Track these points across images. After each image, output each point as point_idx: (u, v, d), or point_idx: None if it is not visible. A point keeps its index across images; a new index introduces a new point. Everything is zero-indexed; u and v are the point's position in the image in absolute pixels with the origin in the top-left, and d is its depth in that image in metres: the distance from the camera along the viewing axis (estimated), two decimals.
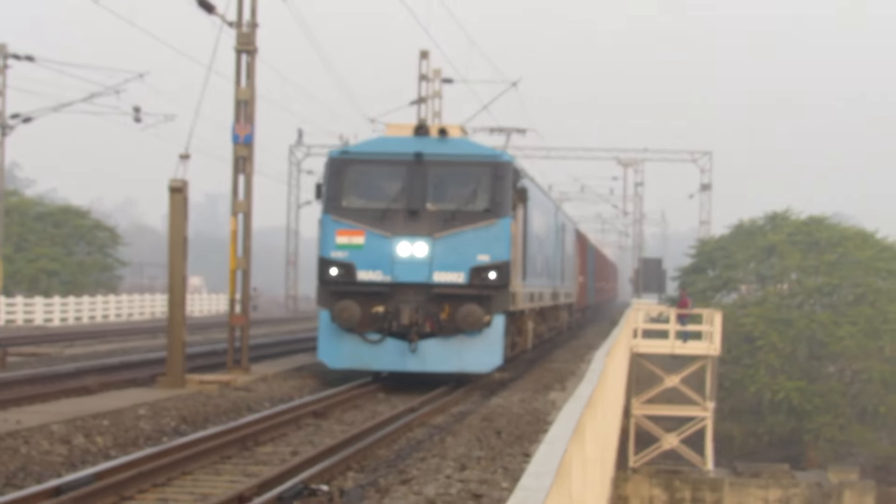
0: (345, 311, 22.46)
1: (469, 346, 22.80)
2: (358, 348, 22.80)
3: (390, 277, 22.97)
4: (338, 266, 23.21)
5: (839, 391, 66.51)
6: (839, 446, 64.41)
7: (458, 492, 14.59)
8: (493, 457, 17.68)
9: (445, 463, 17.13)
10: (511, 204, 23.93)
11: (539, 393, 27.32)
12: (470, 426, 21.40)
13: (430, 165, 23.75)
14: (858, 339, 66.56)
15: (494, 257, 23.15)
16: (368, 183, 23.85)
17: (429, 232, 23.08)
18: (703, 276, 73.40)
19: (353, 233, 22.88)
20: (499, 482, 15.22)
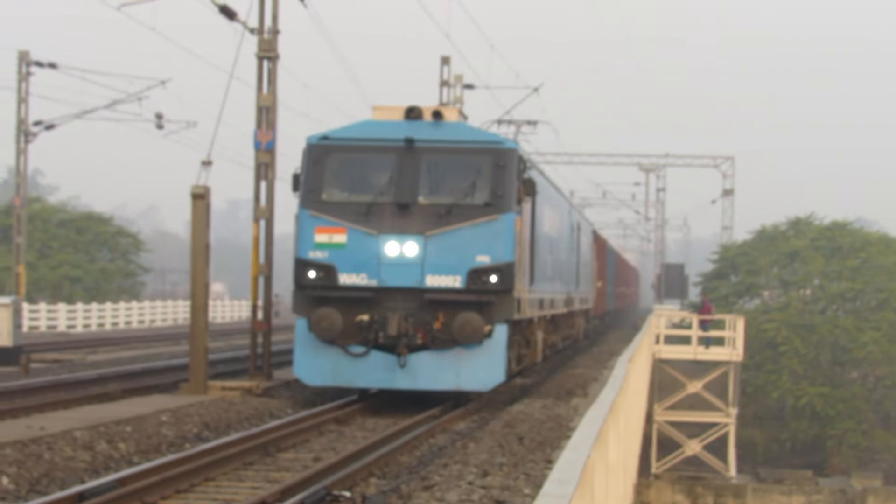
0: (324, 319, 20.26)
1: (467, 360, 20.50)
2: (339, 363, 20.59)
3: (376, 281, 20.63)
4: (316, 268, 20.72)
5: (862, 397, 66.47)
6: (863, 452, 64.33)
7: (480, 498, 14.55)
8: (515, 463, 17.61)
9: (467, 469, 17.03)
10: (516, 197, 21.29)
11: (561, 399, 27.08)
12: (492, 432, 21.07)
13: (423, 153, 21.20)
14: (882, 344, 66.50)
15: (496, 258, 20.59)
16: (352, 173, 21.53)
17: (421, 229, 20.60)
18: (726, 282, 73.32)
19: (334, 230, 20.47)
20: (521, 489, 15.18)
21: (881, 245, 71.33)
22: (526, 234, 22.66)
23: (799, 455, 60.15)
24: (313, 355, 20.38)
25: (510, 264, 20.29)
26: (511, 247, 20.55)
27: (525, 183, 21.45)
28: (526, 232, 22.62)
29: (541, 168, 27.80)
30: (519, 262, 21.21)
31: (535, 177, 24.75)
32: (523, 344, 25.81)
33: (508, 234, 20.38)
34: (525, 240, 22.35)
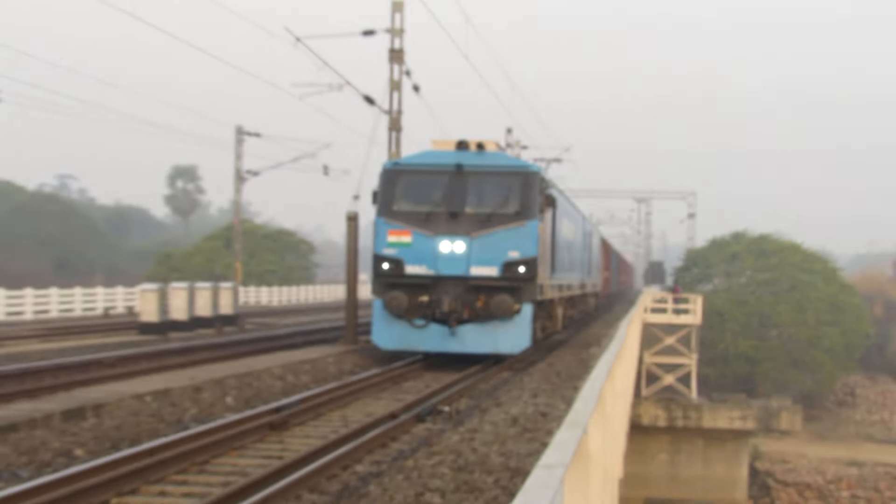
0: (394, 300, 19.36)
1: (502, 330, 19.48)
2: (406, 332, 19.56)
3: (433, 271, 19.51)
4: (389, 261, 19.77)
5: (779, 348, 66.32)
6: (778, 384, 64.04)
7: (532, 412, 14.67)
8: (554, 389, 17.65)
9: (524, 393, 17.11)
10: (538, 208, 20.37)
11: (583, 349, 27.03)
12: (539, 370, 21.20)
13: (469, 175, 20.09)
14: (791, 314, 66.55)
15: (523, 254, 19.61)
16: (415, 190, 20.19)
17: (467, 232, 19.60)
18: (690, 273, 73.15)
19: (402, 233, 19.55)
20: (558, 405, 15.18)
21: (791, 250, 71.48)
22: (547, 236, 21.93)
23: (737, 385, 59.80)
24: (387, 327, 19.69)
25: (534, 258, 19.52)
26: (534, 245, 19.74)
27: (546, 197, 20.77)
28: (547, 234, 21.89)
29: (560, 189, 26.67)
30: (541, 257, 20.46)
31: (555, 194, 24.08)
32: (546, 318, 24.76)
33: (533, 236, 19.67)
34: (546, 240, 21.59)
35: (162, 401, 15.52)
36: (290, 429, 14.06)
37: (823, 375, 68.00)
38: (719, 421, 38.54)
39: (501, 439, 12.28)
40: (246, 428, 13.21)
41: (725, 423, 38.52)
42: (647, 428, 36.97)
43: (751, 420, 39.20)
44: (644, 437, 36.01)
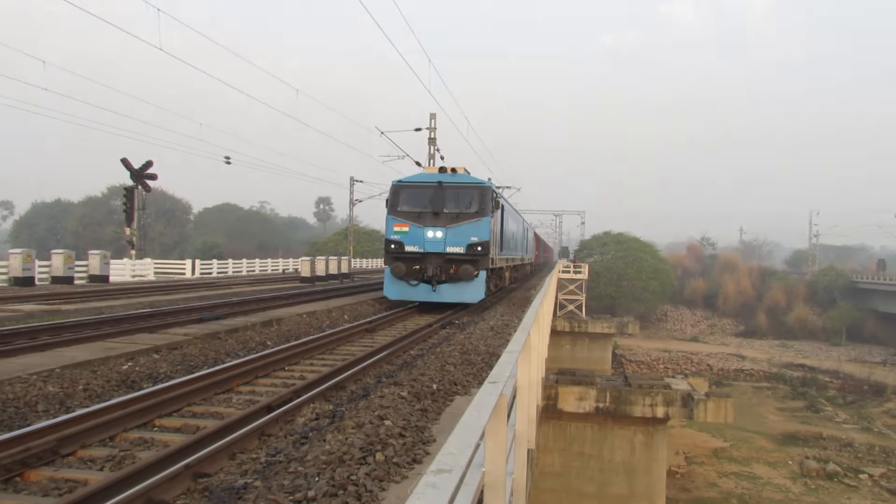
0: (397, 268, 17.57)
1: (467, 287, 17.64)
2: (405, 288, 17.74)
3: (422, 249, 17.67)
4: (394, 244, 17.86)
5: (627, 290, 66.63)
6: (627, 309, 64.32)
7: (500, 323, 14.62)
8: (512, 312, 17.53)
9: (496, 314, 17.00)
10: (490, 209, 18.42)
11: (528, 291, 27.25)
12: (503, 302, 21.06)
13: (446, 188, 18.17)
14: (633, 273, 67.10)
15: (480, 238, 17.71)
16: (412, 197, 18.26)
17: (444, 224, 17.69)
18: (582, 252, 72.87)
19: (402, 225, 17.74)
20: (514, 320, 15.15)
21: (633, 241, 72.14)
22: (497, 227, 19.85)
23: (606, 310, 59.79)
24: (392, 285, 17.64)
25: (487, 241, 17.53)
26: (488, 233, 17.69)
27: (495, 202, 18.88)
28: (497, 226, 19.82)
29: (507, 200, 24.59)
30: (493, 241, 18.51)
31: (503, 202, 21.89)
32: (498, 279, 22.43)
33: (486, 227, 17.63)
34: (496, 230, 19.63)
35: (311, 317, 15.41)
36: (377, 332, 14.02)
37: (650, 305, 69.77)
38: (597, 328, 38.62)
39: (485, 337, 12.27)
40: (354, 331, 13.26)
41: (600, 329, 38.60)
42: (560, 332, 37.09)
43: (613, 328, 39.35)
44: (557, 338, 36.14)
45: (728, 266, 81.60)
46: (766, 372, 51.73)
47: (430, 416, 6.44)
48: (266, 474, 4.91)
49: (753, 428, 35.29)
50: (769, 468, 29.00)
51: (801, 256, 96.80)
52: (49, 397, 7.01)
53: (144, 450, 5.66)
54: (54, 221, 79.34)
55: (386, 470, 4.77)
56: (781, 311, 70.78)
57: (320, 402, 7.36)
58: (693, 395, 16.40)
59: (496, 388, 2.89)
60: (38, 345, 9.82)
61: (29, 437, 5.38)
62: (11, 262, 24.10)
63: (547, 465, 17.25)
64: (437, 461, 1.93)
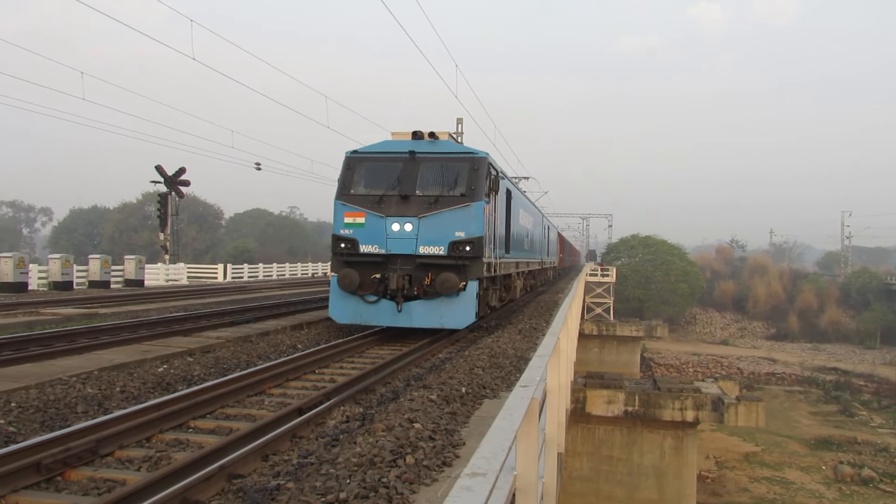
0: (346, 277, 13.01)
1: (447, 306, 12.99)
2: (359, 307, 13.09)
3: (384, 250, 13.13)
4: (344, 241, 13.34)
5: (656, 294, 65.86)
6: (655, 312, 63.68)
7: (528, 326, 14.36)
8: (540, 315, 17.13)
9: (524, 317, 16.49)
10: (484, 191, 13.55)
11: (556, 294, 26.98)
12: (531, 306, 20.64)
13: (421, 161, 13.53)
14: (661, 276, 66.25)
15: (469, 234, 13.08)
16: (372, 175, 13.73)
17: (416, 213, 13.16)
18: (609, 256, 72.22)
19: (356, 214, 13.18)
20: (542, 324, 14.92)
21: (662, 244, 71.28)
22: (498, 217, 14.63)
23: (634, 313, 59.26)
24: (341, 302, 12.86)
25: (479, 238, 12.72)
26: (480, 225, 12.85)
27: (493, 181, 13.86)
28: (498, 216, 14.68)
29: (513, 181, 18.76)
30: (488, 237, 13.52)
31: (509, 186, 16.60)
32: (503, 290, 16.91)
33: (478, 217, 12.84)
34: (495, 221, 14.39)
35: None
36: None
37: (678, 308, 69.21)
38: (625, 331, 38.32)
39: (513, 340, 12.16)
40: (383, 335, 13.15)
41: (628, 332, 38.29)
42: (588, 335, 36.85)
43: (641, 331, 39.02)
44: (585, 341, 35.90)
45: (758, 268, 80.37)
46: (798, 375, 50.73)
47: (460, 419, 6.42)
48: (298, 476, 4.92)
49: (786, 432, 34.62)
50: (802, 473, 28.41)
51: (833, 258, 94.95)
52: (88, 399, 7.14)
53: (180, 451, 5.71)
54: (91, 227, 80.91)
55: (416, 473, 4.75)
56: (813, 314, 69.41)
57: (350, 404, 7.38)
58: (723, 399, 16.16)
59: (527, 392, 2.88)
60: (76, 347, 9.99)
61: (69, 438, 5.47)
62: (51, 267, 24.63)
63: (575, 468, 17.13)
64: (471, 464, 1.92)
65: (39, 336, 10.75)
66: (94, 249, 67.88)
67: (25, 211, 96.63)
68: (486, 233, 12.90)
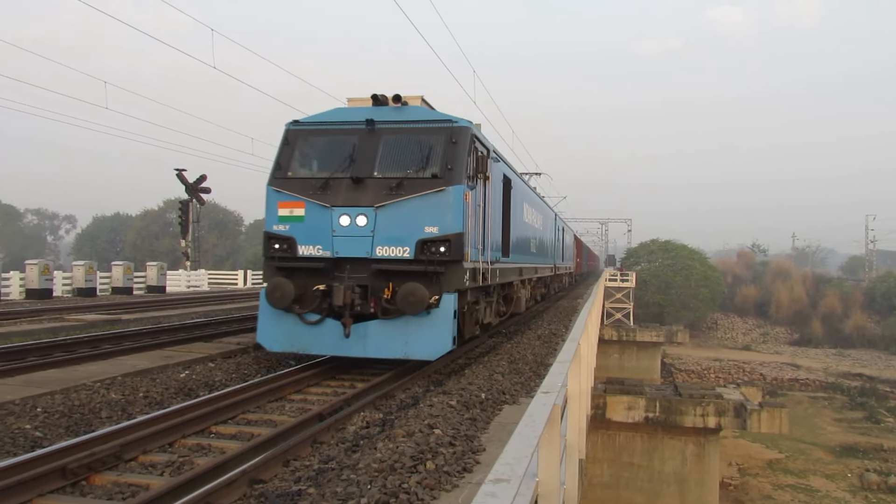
0: (277, 289, 9.30)
1: (414, 329, 9.12)
2: (296, 330, 9.44)
3: (330, 252, 9.43)
4: (279, 240, 9.73)
5: (676, 299, 65.26)
6: (676, 317, 63.04)
7: (548, 332, 14.15)
8: (559, 320, 16.97)
9: (543, 323, 16.39)
10: (467, 172, 9.65)
11: (575, 300, 26.85)
12: (553, 311, 20.68)
13: (382, 133, 9.96)
14: (681, 281, 65.64)
15: (444, 228, 9.15)
16: (317, 152, 10.29)
17: (372, 202, 9.35)
18: (629, 260, 71.70)
19: (293, 204, 9.66)
20: (561, 329, 14.76)
21: (682, 248, 70.55)
22: (490, 211, 11.09)
23: (654, 318, 58.74)
24: (272, 323, 9.57)
25: (459, 235, 9.27)
26: (459, 218, 9.33)
27: (480, 160, 10.29)
28: (491, 210, 11.14)
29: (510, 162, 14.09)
30: (473, 234, 9.94)
31: (505, 170, 12.75)
32: (503, 302, 13.61)
33: (457, 206, 9.32)
34: (489, 216, 10.94)
35: None
36: None
37: (699, 313, 68.25)
38: (645, 337, 38.06)
39: (532, 346, 11.94)
40: None
41: (648, 338, 38.02)
42: (608, 341, 36.63)
43: (661, 336, 38.74)
44: (605, 346, 35.68)
45: (780, 273, 79.40)
46: (822, 381, 50.00)
47: (479, 425, 6.40)
48: (319, 481, 4.93)
49: (810, 439, 34.11)
50: (827, 481, 27.96)
51: (857, 262, 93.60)
52: (112, 404, 7.20)
53: (202, 456, 5.75)
54: (114, 234, 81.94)
55: (437, 478, 4.74)
56: (837, 319, 68.38)
57: (370, 410, 7.40)
58: (746, 405, 15.95)
59: (549, 399, 2.87)
60: (100, 353, 10.08)
61: (94, 443, 5.54)
62: (75, 274, 25.00)
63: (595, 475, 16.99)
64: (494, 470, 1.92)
65: (64, 342, 10.89)
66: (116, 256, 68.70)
67: (50, 218, 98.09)
68: (470, 228, 9.50)
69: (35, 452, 5.20)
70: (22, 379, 8.17)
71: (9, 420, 6.29)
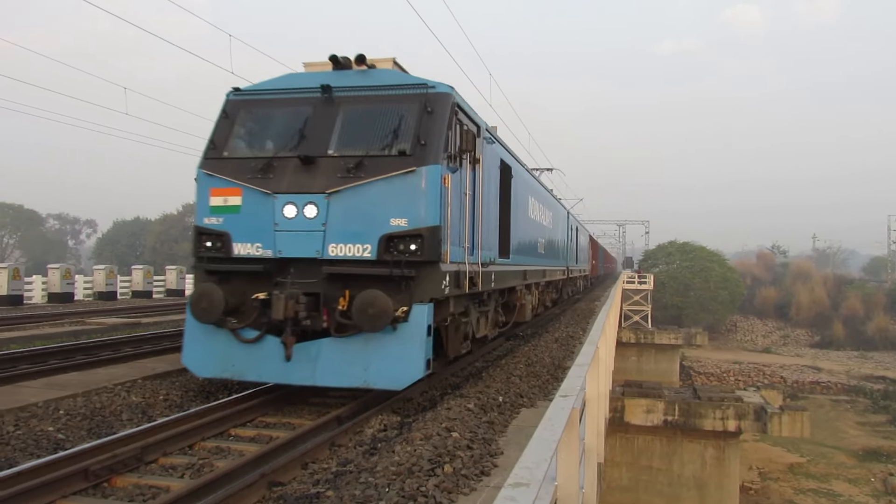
0: (203, 298, 6.61)
1: (376, 350, 6.56)
2: (229, 350, 6.75)
3: (272, 252, 6.80)
4: (210, 236, 6.98)
5: (695, 301, 64.83)
6: (694, 319, 62.63)
7: (565, 335, 14.15)
8: (577, 323, 16.97)
9: (561, 325, 16.35)
10: (446, 149, 6.94)
11: (592, 302, 26.75)
12: (567, 314, 20.61)
13: (341, 102, 7.22)
14: (700, 283, 65.22)
15: (415, 221, 6.52)
16: (261, 127, 7.50)
17: (324, 187, 6.64)
18: (646, 263, 71.31)
19: (228, 191, 6.82)
20: (579, 332, 14.75)
21: (701, 250, 70.09)
22: (483, 200, 8.73)
23: (672, 320, 58.35)
24: (202, 341, 7.03)
25: (435, 228, 6.68)
26: (436, 206, 6.74)
27: (465, 138, 7.62)
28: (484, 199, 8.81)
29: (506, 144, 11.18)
30: (456, 229, 7.53)
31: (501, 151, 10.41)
32: (499, 311, 11.40)
33: (433, 189, 6.68)
34: (479, 206, 8.53)
35: None
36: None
37: (718, 315, 67.62)
38: (663, 339, 37.76)
39: (550, 349, 11.88)
40: None
41: (666, 340, 37.71)
42: (626, 343, 36.41)
43: (680, 339, 38.41)
44: (623, 349, 35.50)
45: (801, 274, 78.54)
46: (844, 384, 49.37)
47: (497, 428, 6.39)
48: (337, 484, 4.94)
49: (832, 443, 33.64)
50: (850, 485, 27.56)
51: (880, 263, 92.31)
52: (132, 407, 7.26)
53: (221, 458, 5.79)
54: (134, 238, 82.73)
55: (455, 482, 4.73)
56: (859, 321, 67.49)
57: (388, 413, 7.41)
58: (766, 408, 15.77)
59: (568, 402, 2.86)
60: (121, 356, 10.20)
61: (115, 445, 5.60)
62: (95, 278, 25.32)
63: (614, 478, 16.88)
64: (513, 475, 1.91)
65: (85, 345, 11.02)
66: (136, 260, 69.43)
67: (71, 223, 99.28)
68: (450, 220, 7.36)
69: (58, 454, 5.26)
70: (44, 381, 8.27)
71: (32, 422, 6.37)
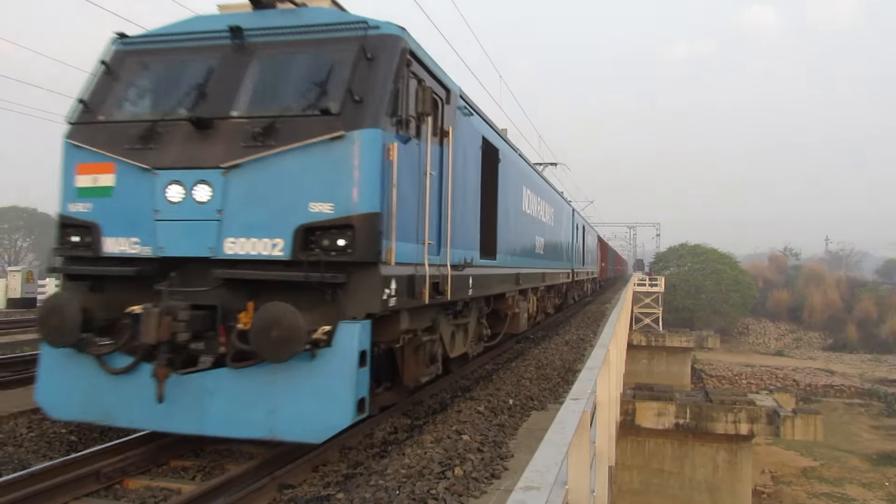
0: (53, 314, 3.99)
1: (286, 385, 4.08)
2: (95, 384, 4.10)
3: (151, 247, 4.18)
4: (77, 229, 4.27)
5: (706, 303, 64.60)
6: (706, 322, 62.37)
7: (576, 337, 14.21)
8: (587, 326, 17.01)
9: (571, 328, 16.39)
10: (393, 109, 4.33)
11: (603, 305, 26.66)
12: (581, 316, 20.66)
13: (256, 49, 4.54)
14: (712, 285, 65.06)
15: (343, 207, 3.95)
16: (152, 84, 4.62)
17: (219, 160, 4.01)
18: (657, 265, 71.06)
19: (99, 167, 3.91)
20: (589, 335, 14.77)
21: (712, 252, 69.97)
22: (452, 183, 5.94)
23: (685, 324, 58.06)
24: (59, 370, 4.34)
25: (371, 217, 4.08)
26: (374, 187, 4.11)
27: (421, 96, 4.75)
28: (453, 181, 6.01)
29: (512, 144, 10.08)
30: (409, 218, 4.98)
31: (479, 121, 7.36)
32: (483, 322, 8.96)
33: (368, 163, 4.00)
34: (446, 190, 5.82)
35: None
36: None
37: (730, 318, 67.37)
38: (675, 342, 37.57)
39: (560, 352, 11.91)
40: None
41: (678, 343, 37.53)
42: (636, 346, 36.26)
43: (691, 341, 38.23)
44: (634, 352, 35.34)
45: (813, 277, 77.98)
46: (857, 388, 48.95)
47: (507, 431, 6.38)
48: (347, 486, 4.94)
49: (846, 446, 33.36)
50: (864, 489, 27.32)
51: (893, 266, 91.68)
52: None
53: (232, 461, 5.81)
54: None
55: (465, 485, 4.73)
56: (873, 324, 66.94)
57: (398, 416, 7.41)
58: (779, 412, 15.65)
59: (579, 405, 2.85)
60: None
61: (127, 447, 5.63)
62: None
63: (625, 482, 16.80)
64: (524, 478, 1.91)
65: None
66: None
67: None
68: (396, 205, 4.99)
69: (70, 456, 5.32)
70: None
71: (45, 424, 6.41)
